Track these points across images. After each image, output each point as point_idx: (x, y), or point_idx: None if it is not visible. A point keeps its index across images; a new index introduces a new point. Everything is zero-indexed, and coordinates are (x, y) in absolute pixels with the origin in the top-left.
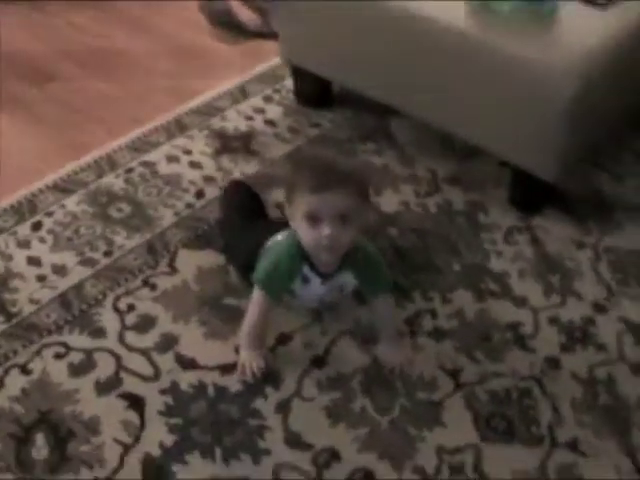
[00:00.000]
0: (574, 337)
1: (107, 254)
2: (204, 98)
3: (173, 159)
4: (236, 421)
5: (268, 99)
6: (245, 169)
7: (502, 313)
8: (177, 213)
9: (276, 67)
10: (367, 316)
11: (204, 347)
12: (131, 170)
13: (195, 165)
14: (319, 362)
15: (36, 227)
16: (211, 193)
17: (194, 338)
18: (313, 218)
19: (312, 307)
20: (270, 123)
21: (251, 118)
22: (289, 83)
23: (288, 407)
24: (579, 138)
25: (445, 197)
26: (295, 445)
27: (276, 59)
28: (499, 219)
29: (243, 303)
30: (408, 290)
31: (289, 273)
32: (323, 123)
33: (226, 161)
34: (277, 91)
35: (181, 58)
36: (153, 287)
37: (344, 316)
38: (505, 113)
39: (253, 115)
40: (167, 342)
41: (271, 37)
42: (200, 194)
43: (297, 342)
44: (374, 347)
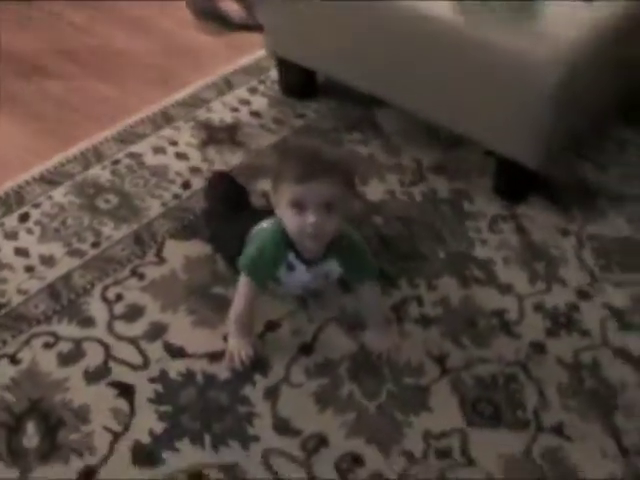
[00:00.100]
0: (559, 323)
1: (95, 245)
2: (190, 90)
3: (159, 150)
4: (225, 408)
5: (253, 90)
6: (231, 160)
7: (487, 300)
8: (164, 204)
9: (261, 59)
10: (353, 303)
11: (192, 335)
12: (117, 162)
13: (181, 156)
14: (307, 349)
15: (23, 218)
16: (197, 184)
17: (182, 327)
18: (298, 206)
19: (297, 294)
20: (255, 114)
21: (236, 109)
22: (274, 74)
23: (276, 394)
24: (563, 127)
25: (430, 186)
26: (284, 431)
27: (261, 51)
28: (484, 207)
29: (230, 292)
30: (394, 277)
31: (274, 260)
32: (308, 114)
33: (212, 152)
34: (262, 82)
35: (166, 51)
36: (141, 277)
37: (330, 303)
38: (490, 102)
39: (238, 106)
40: (156, 331)
41: (256, 29)
42: (186, 185)
43: (285, 329)
44: (361, 334)
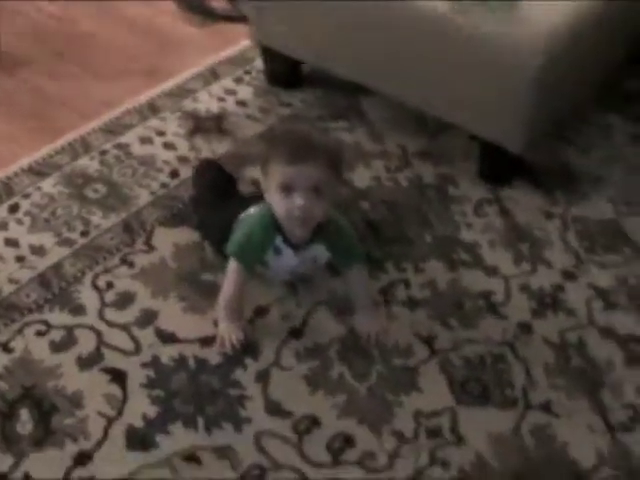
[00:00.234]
0: (545, 303)
1: (84, 234)
2: (176, 81)
3: (147, 140)
4: (217, 391)
5: (239, 80)
6: (218, 149)
7: (474, 282)
8: (152, 192)
9: (246, 49)
10: (342, 287)
11: (183, 321)
12: (105, 152)
13: (169, 146)
14: (296, 333)
15: (13, 209)
16: (185, 172)
17: (173, 313)
18: (287, 189)
19: (285, 279)
20: (241, 104)
21: (223, 99)
22: (259, 64)
23: (267, 377)
24: (545, 111)
25: (416, 171)
26: (275, 413)
27: (246, 41)
28: (469, 192)
29: (220, 278)
30: (381, 261)
31: (262, 244)
32: (294, 103)
33: (199, 141)
34: (247, 72)
35: (152, 42)
36: (131, 265)
37: (319, 288)
38: (473, 87)
39: (224, 96)
40: (147, 317)
41: (240, 20)
42: (174, 174)
43: (274, 314)
44: (350, 317)
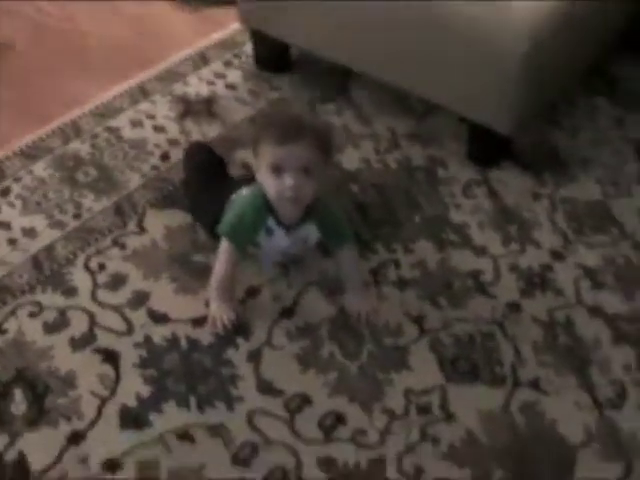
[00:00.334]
0: (533, 283)
1: (76, 216)
2: (166, 65)
3: (137, 124)
4: (209, 371)
5: (228, 64)
6: (208, 132)
7: (463, 262)
8: (143, 175)
9: (235, 33)
10: (333, 268)
11: (175, 302)
12: (96, 136)
13: (159, 129)
14: (288, 313)
15: (4, 193)
16: (176, 155)
17: (165, 294)
18: (277, 169)
19: (277, 260)
20: (231, 87)
21: (212, 83)
22: (249, 49)
23: (259, 356)
24: (533, 93)
25: (405, 153)
26: (267, 392)
27: (235, 26)
28: (458, 173)
29: (211, 259)
30: (371, 242)
31: (254, 225)
32: (283, 86)
33: (189, 124)
34: (237, 56)
35: (141, 26)
36: (123, 246)
37: (310, 269)
38: (461, 70)
39: (214, 80)
40: (139, 298)
41: (229, 3)
42: (165, 156)
43: (265, 295)
44: (340, 297)
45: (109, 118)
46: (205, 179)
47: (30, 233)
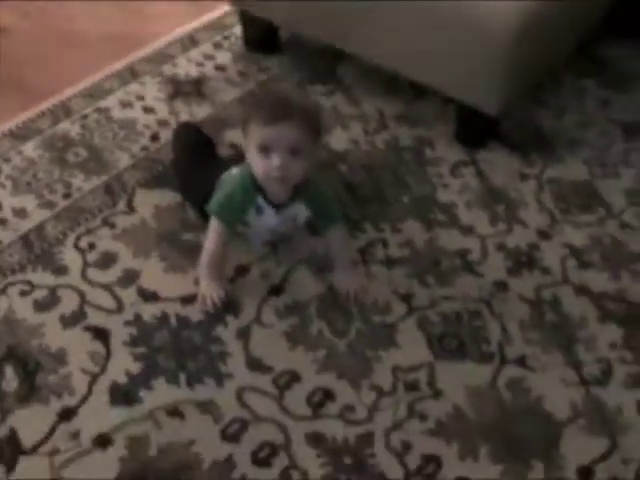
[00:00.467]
0: (520, 262)
1: (66, 196)
2: (155, 46)
3: (127, 105)
4: (199, 348)
5: (218, 46)
6: (197, 113)
7: (450, 241)
8: (133, 156)
9: (225, 15)
10: (322, 246)
11: (165, 280)
12: (86, 116)
13: (149, 110)
14: (276, 291)
15: None
16: (165, 136)
17: (155, 272)
18: (265, 149)
19: (266, 239)
20: (220, 69)
21: (201, 64)
22: (238, 31)
23: (248, 333)
24: (520, 73)
25: (393, 134)
26: (256, 368)
27: (225, 8)
28: (445, 154)
29: (201, 238)
30: (359, 222)
31: (242, 204)
32: (272, 67)
33: (179, 105)
34: (226, 38)
35: (132, 7)
36: (113, 226)
37: (299, 247)
38: (449, 50)
39: (203, 61)
40: (129, 277)
41: None
42: (155, 137)
43: (254, 273)
44: (329, 275)
45: (99, 99)
46: (194, 159)
47: (20, 213)
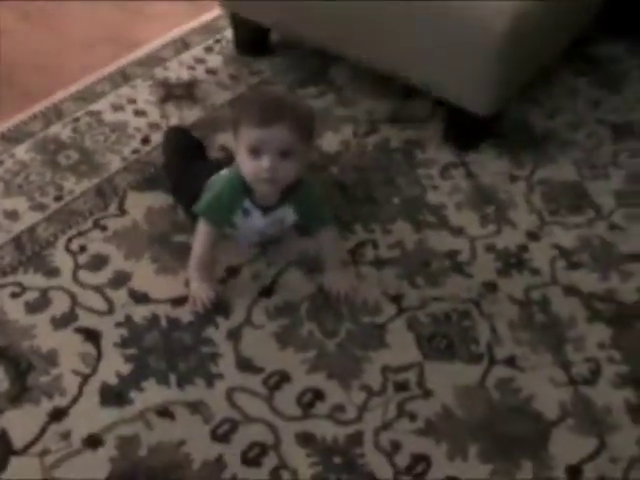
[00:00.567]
0: (510, 263)
1: (57, 199)
2: (147, 49)
3: (118, 108)
4: (189, 349)
5: (209, 49)
6: (189, 116)
7: (440, 242)
8: (124, 158)
9: (216, 19)
10: (312, 247)
11: (156, 282)
12: (77, 119)
13: (140, 113)
14: (267, 292)
15: None
16: (156, 139)
17: (146, 274)
18: (255, 151)
19: (253, 241)
20: (211, 72)
21: (193, 68)
22: (229, 34)
23: (239, 334)
24: (509, 74)
25: (384, 136)
26: (246, 369)
27: (216, 11)
28: (436, 155)
29: (191, 240)
30: (350, 223)
31: (230, 205)
32: (263, 70)
33: (170, 108)
34: (217, 42)
35: (123, 10)
36: (104, 228)
37: (289, 248)
38: (439, 50)
39: (195, 65)
40: (120, 279)
41: None
42: (146, 140)
43: (245, 274)
44: (320, 276)
45: (91, 102)
46: (184, 162)
47: (12, 215)
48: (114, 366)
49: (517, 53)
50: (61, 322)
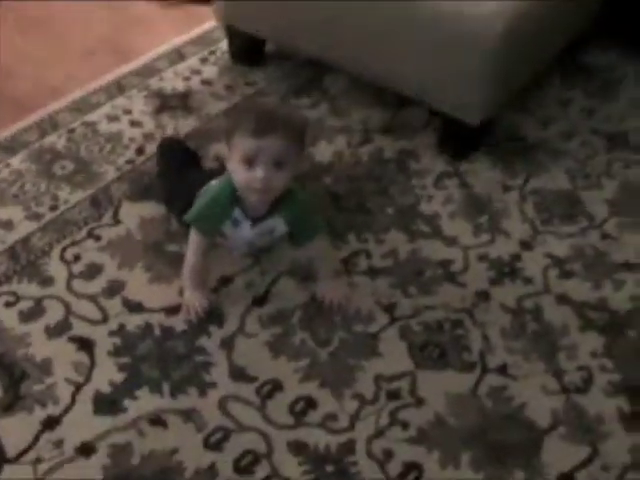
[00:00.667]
0: (503, 272)
1: (52, 208)
2: (142, 60)
3: (114, 118)
4: (182, 357)
5: (204, 60)
6: (183, 126)
7: (433, 252)
8: (119, 168)
9: (211, 30)
10: (305, 256)
11: (149, 291)
12: (73, 130)
13: (135, 123)
14: (260, 301)
15: None
16: (151, 149)
17: (139, 283)
18: (249, 161)
19: (243, 252)
20: (206, 82)
21: (188, 78)
22: (224, 45)
23: (232, 343)
24: (503, 84)
25: (377, 146)
26: (239, 378)
27: (211, 22)
28: (429, 165)
29: (185, 249)
30: (343, 233)
31: (220, 215)
32: (258, 81)
33: (165, 119)
34: (213, 53)
35: (119, 21)
36: (98, 238)
37: (282, 257)
38: (431, 61)
39: (190, 75)
40: (114, 288)
41: (204, 1)
42: (141, 150)
43: (238, 283)
44: (313, 285)
45: (86, 113)
46: (178, 172)
47: (7, 225)
48: (107, 375)
49: (507, 63)
50: (55, 331)
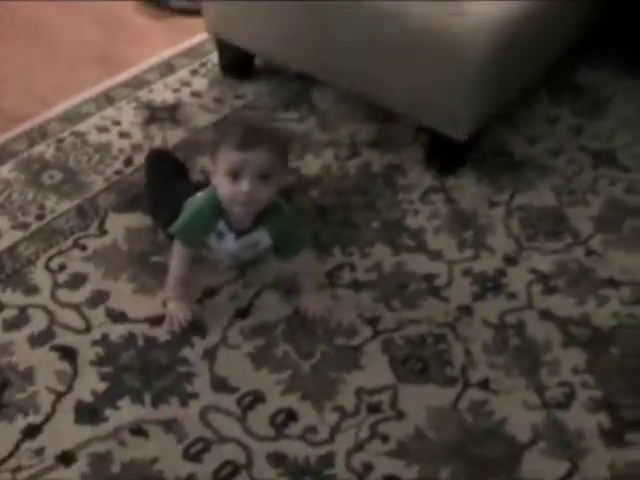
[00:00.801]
0: (486, 287)
1: (39, 218)
2: (132, 72)
3: (103, 129)
4: (165, 368)
5: (194, 72)
6: (172, 138)
7: (418, 266)
8: (107, 179)
9: (202, 42)
10: (289, 269)
11: (133, 301)
12: (62, 140)
13: (124, 135)
14: (243, 313)
15: None
16: (139, 160)
17: (124, 293)
18: (234, 174)
19: (228, 264)
20: (196, 95)
21: (178, 90)
22: (215, 58)
23: (214, 354)
24: (489, 100)
25: (365, 160)
26: (221, 389)
27: (202, 35)
28: (416, 180)
29: (170, 260)
30: (328, 246)
31: (204, 227)
32: (247, 94)
33: (154, 130)
34: (203, 65)
35: (110, 33)
36: (83, 248)
37: (266, 270)
38: (417, 77)
39: (179, 87)
40: (98, 298)
41: (195, 14)
42: (129, 161)
43: (222, 296)
44: (296, 298)
45: (76, 123)
46: (165, 184)
47: None
48: (89, 384)
49: (494, 79)
50: (38, 340)
